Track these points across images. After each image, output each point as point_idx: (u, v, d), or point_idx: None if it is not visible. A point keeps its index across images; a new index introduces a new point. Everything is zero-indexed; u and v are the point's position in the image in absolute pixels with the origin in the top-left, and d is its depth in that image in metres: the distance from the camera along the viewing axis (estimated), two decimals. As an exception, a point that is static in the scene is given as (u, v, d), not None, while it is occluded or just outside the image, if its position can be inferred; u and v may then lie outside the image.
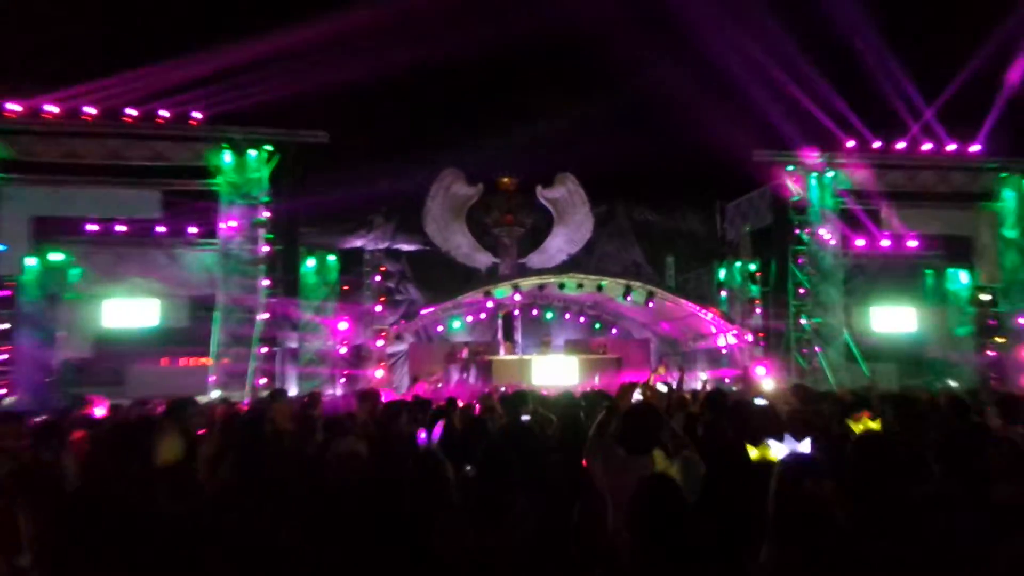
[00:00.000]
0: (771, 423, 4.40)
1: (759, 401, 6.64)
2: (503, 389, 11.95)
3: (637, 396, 4.10)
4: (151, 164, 15.86)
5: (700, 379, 21.37)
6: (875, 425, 4.76)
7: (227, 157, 16.86)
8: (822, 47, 17.62)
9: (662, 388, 6.78)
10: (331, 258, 20.50)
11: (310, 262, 20.07)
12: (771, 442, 3.52)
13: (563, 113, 20.61)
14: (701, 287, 23.21)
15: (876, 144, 18.16)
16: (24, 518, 2.71)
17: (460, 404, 7.67)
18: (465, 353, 20.64)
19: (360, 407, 5.81)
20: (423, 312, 20.87)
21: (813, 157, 19.00)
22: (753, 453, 3.60)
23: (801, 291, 18.98)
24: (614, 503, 3.36)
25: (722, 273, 22.43)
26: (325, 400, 9.70)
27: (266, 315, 17.21)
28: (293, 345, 18.63)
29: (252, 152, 17.03)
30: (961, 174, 18.81)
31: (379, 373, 18.84)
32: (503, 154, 21.82)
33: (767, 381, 16.74)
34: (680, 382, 7.05)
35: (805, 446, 3.28)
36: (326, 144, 17.24)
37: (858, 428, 4.91)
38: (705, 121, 17.73)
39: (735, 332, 20.17)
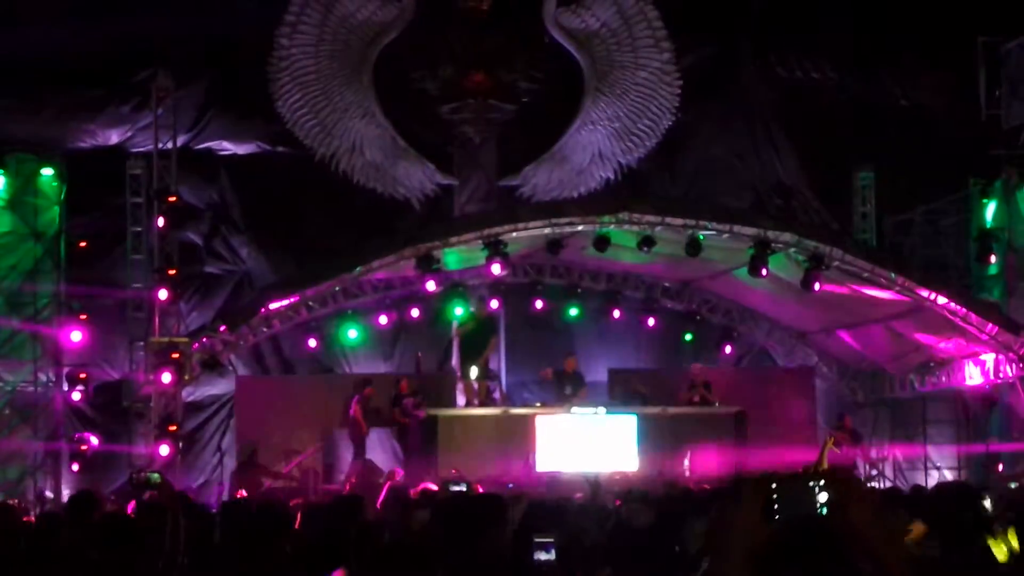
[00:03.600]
0: None
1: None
2: (459, 487, 13.26)
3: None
4: None
5: (935, 468, 19.82)
6: None
7: None
8: None
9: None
10: (47, 172, 21.09)
11: (-7, 181, 20.86)
12: None
13: None
14: (939, 244, 23.21)
15: None
16: None
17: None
18: (356, 409, 20.91)
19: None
20: (272, 306, 20.94)
21: None
22: None
23: None
24: None
25: (990, 210, 22.59)
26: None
27: None
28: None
29: None
30: None
31: (165, 449, 19.52)
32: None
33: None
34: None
35: None
36: None
37: None
38: None
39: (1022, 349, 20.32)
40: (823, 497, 3.64)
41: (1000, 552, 6.27)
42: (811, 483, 3.73)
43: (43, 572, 6.64)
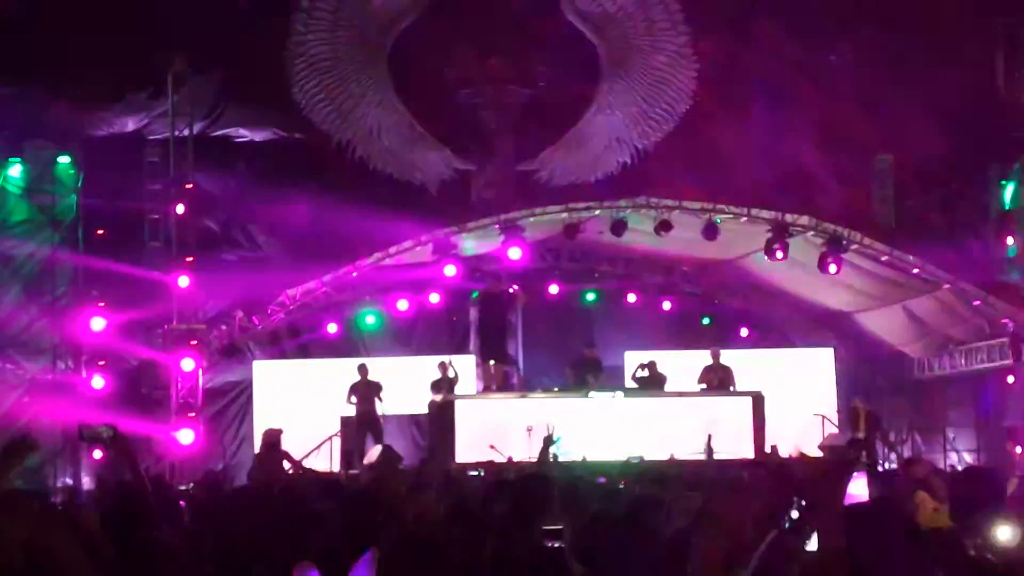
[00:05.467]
0: None
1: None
2: (478, 471, 14.32)
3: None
4: None
5: (955, 450, 19.86)
6: None
7: None
8: None
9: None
10: (64, 160, 21.42)
11: (13, 170, 20.94)
12: None
13: None
14: (958, 227, 23.33)
15: None
16: None
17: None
18: (348, 395, 20.66)
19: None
20: (290, 292, 21.28)
21: None
22: None
23: None
24: None
25: (1008, 193, 22.72)
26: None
27: None
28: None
29: None
30: None
31: (187, 435, 19.94)
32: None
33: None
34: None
35: None
36: None
37: None
38: None
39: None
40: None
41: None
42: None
43: None
